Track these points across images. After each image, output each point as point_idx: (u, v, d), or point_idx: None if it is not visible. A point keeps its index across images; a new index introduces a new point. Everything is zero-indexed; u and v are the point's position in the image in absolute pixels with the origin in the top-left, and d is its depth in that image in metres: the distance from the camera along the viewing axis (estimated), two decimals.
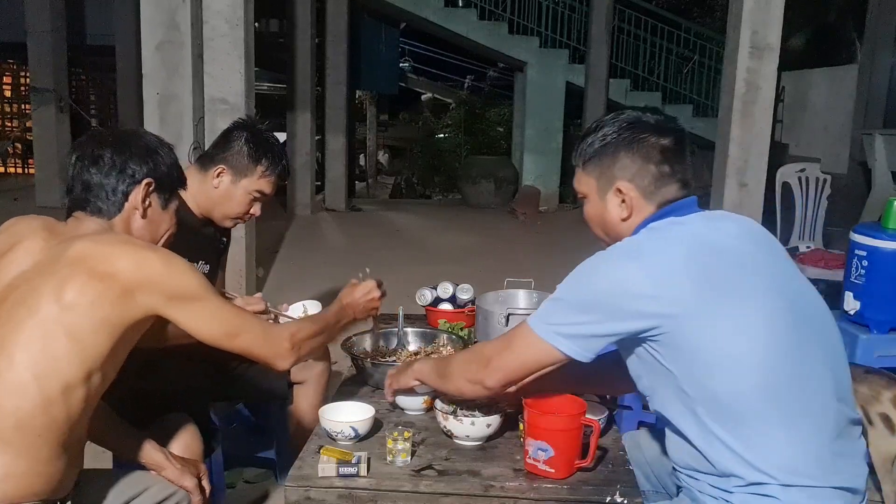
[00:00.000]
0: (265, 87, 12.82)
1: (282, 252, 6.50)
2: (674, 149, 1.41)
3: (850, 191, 7.16)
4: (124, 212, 1.49)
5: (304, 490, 1.44)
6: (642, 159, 1.40)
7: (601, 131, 1.45)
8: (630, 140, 1.41)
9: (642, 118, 1.44)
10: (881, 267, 2.68)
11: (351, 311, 1.83)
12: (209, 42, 4.25)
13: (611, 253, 1.36)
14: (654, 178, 1.40)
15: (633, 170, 1.41)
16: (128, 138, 1.53)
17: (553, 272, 4.01)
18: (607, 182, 1.44)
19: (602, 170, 1.44)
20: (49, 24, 8.17)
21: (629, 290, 1.28)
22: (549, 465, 1.45)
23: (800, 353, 1.30)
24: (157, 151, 1.54)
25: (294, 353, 1.55)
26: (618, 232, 1.45)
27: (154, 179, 1.51)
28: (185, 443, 1.78)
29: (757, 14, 4.52)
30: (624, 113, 1.47)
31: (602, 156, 1.44)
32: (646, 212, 1.42)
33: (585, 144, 1.47)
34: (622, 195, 1.42)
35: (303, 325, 1.62)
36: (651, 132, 1.42)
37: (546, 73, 9.88)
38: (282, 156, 2.15)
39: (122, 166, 1.48)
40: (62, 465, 1.33)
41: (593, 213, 1.50)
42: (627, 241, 1.38)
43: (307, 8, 8.25)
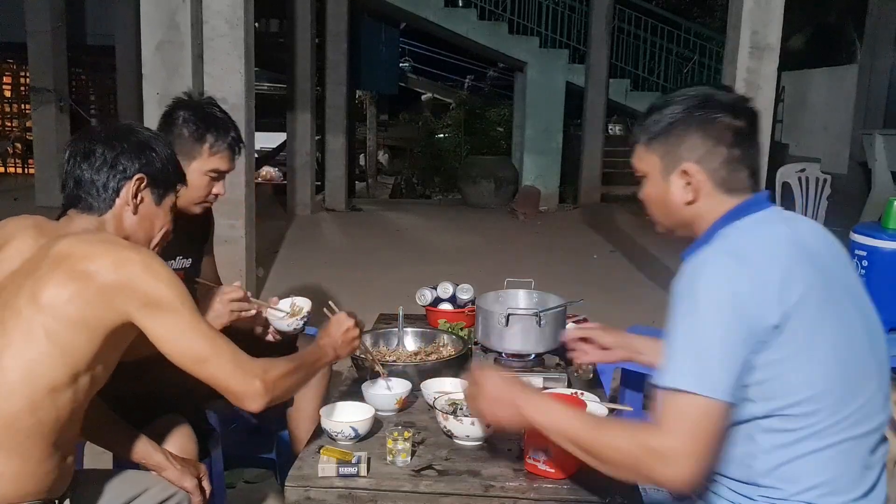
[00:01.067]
0: (265, 87, 12.81)
1: (282, 252, 6.51)
2: (747, 131, 1.32)
3: (850, 191, 7.16)
4: (115, 208, 1.45)
5: (304, 490, 1.44)
6: (713, 140, 1.31)
7: (670, 107, 1.35)
8: (702, 119, 1.31)
9: (716, 95, 1.34)
10: (881, 267, 2.68)
11: (331, 349, 1.69)
12: (209, 42, 4.25)
13: (712, 259, 1.23)
14: (724, 162, 1.31)
15: (701, 151, 1.31)
16: (121, 133, 1.49)
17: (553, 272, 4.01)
18: (672, 162, 1.34)
19: (668, 148, 1.34)
20: (49, 24, 8.17)
21: (742, 296, 1.18)
22: (549, 465, 1.45)
23: (865, 368, 1.27)
24: (150, 146, 1.49)
25: (266, 394, 1.39)
26: (680, 216, 1.37)
27: (146, 175, 1.47)
28: (180, 444, 1.76)
29: (757, 14, 4.52)
30: (694, 89, 1.37)
31: (669, 134, 1.34)
32: (713, 199, 1.33)
33: (651, 120, 1.37)
34: (688, 177, 1.33)
35: (279, 363, 1.48)
36: (725, 111, 1.31)
37: (546, 73, 9.88)
38: (228, 127, 2.01)
39: (112, 161, 1.44)
40: (54, 465, 1.33)
41: (653, 194, 1.39)
42: (727, 244, 1.26)
43: (307, 8, 8.25)
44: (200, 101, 2.06)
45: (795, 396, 1.22)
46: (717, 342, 1.18)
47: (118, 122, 1.54)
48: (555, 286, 2.28)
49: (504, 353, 1.92)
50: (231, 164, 2.04)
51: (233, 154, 2.03)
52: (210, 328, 1.41)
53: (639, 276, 5.92)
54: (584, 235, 7.96)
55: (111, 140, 1.45)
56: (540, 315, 1.87)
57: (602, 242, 7.47)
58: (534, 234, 8.08)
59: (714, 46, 10.83)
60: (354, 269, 5.97)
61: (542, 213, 9.39)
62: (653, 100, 1.46)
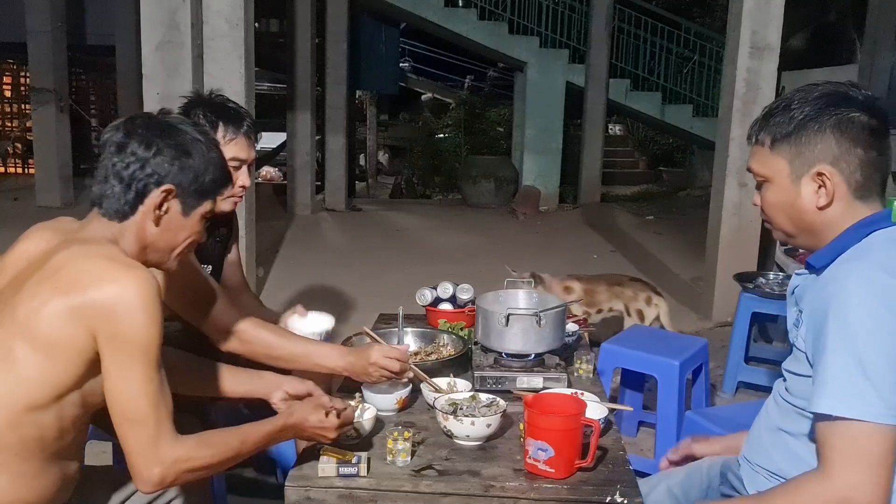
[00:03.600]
0: (265, 87, 12.81)
1: (282, 252, 6.51)
2: (882, 131, 1.25)
3: None
4: (137, 216, 1.34)
5: (304, 490, 1.44)
6: (849, 141, 1.23)
7: (797, 107, 1.26)
8: (837, 117, 1.24)
9: (849, 93, 1.26)
10: None
11: (293, 432, 1.50)
12: (209, 42, 4.25)
13: (867, 275, 1.17)
14: (860, 164, 1.24)
15: (837, 152, 1.24)
16: (163, 131, 1.35)
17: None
18: (804, 165, 1.26)
19: (799, 149, 1.26)
20: (49, 24, 8.17)
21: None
22: (549, 465, 1.44)
23: None
24: (189, 151, 1.35)
25: (159, 485, 1.27)
26: (809, 222, 1.29)
27: (176, 186, 1.34)
28: None
29: (757, 14, 4.53)
30: (821, 86, 1.28)
31: (800, 134, 1.25)
32: (848, 205, 1.25)
33: (776, 121, 1.29)
34: (822, 180, 1.25)
35: (204, 454, 1.31)
36: (861, 109, 1.24)
37: (546, 73, 9.88)
38: (240, 115, 2.02)
39: (143, 163, 1.31)
40: (53, 477, 1.30)
41: (778, 200, 1.31)
42: (878, 258, 1.19)
43: (307, 8, 8.26)
44: (210, 96, 2.08)
45: None
46: (883, 363, 1.12)
47: (165, 115, 1.41)
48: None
49: (504, 353, 1.92)
50: (250, 152, 2.04)
51: (249, 141, 2.03)
52: (158, 392, 1.26)
53: (639, 276, 5.91)
54: (584, 235, 7.96)
55: (150, 137, 1.33)
56: (540, 315, 1.87)
57: (602, 242, 7.47)
58: (534, 234, 8.08)
59: (714, 46, 10.83)
60: (354, 269, 5.97)
61: (542, 213, 9.39)
62: (652, 99, 1.44)
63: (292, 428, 1.47)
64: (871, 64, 7.84)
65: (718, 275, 4.71)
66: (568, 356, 2.05)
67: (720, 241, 4.74)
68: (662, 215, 9.29)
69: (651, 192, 11.97)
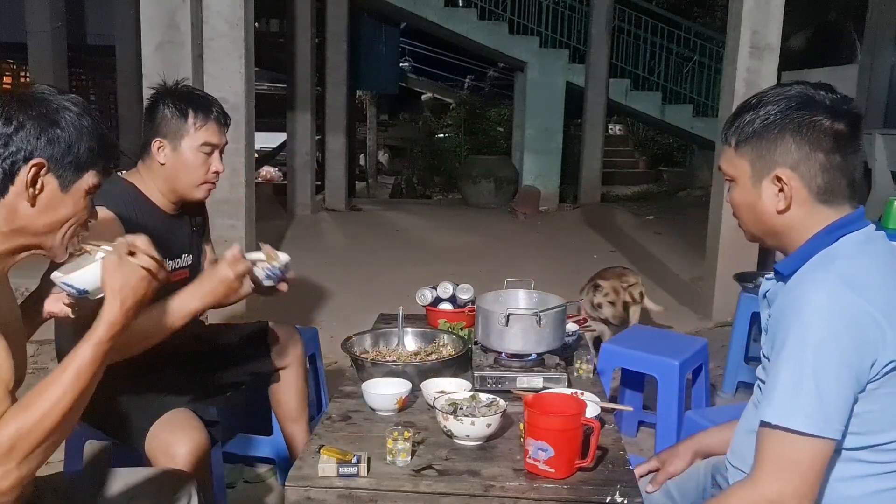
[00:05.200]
0: (265, 87, 12.80)
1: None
2: (848, 136, 1.22)
3: None
4: (9, 196, 1.20)
5: (304, 490, 1.43)
6: (810, 146, 1.22)
7: (764, 109, 1.25)
8: (798, 122, 1.22)
9: (815, 97, 1.24)
10: None
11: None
12: (209, 42, 4.25)
13: (823, 283, 1.17)
14: (821, 169, 1.22)
15: (797, 156, 1.22)
16: (25, 104, 1.21)
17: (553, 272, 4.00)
18: (765, 167, 1.26)
19: (760, 153, 1.26)
20: (49, 24, 8.16)
21: (859, 327, 1.13)
22: (549, 465, 1.44)
23: None
24: (57, 121, 1.21)
25: (15, 486, 1.08)
26: (770, 225, 1.29)
27: (47, 159, 1.20)
28: (190, 435, 1.79)
29: (757, 14, 4.52)
30: (791, 88, 1.26)
31: (762, 136, 1.25)
32: (808, 209, 1.24)
33: (742, 122, 1.28)
34: (781, 184, 1.24)
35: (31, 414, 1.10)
36: (825, 114, 1.22)
37: (546, 73, 9.88)
38: (208, 101, 2.04)
39: (6, 140, 1.19)
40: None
41: (743, 201, 1.31)
42: (838, 267, 1.18)
43: (307, 8, 8.25)
44: (176, 86, 2.07)
45: (893, 433, 1.18)
46: (833, 378, 1.12)
47: (31, 88, 1.25)
48: (555, 286, 2.28)
49: (504, 353, 1.92)
50: (221, 137, 2.05)
51: (220, 126, 2.04)
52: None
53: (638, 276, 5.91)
54: (584, 235, 7.96)
55: (9, 112, 1.20)
56: (540, 315, 1.87)
57: (602, 242, 7.47)
58: (534, 234, 8.08)
59: (714, 46, 10.83)
60: (354, 269, 5.97)
61: (542, 212, 9.39)
62: (652, 99, 1.44)
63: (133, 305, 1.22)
64: (871, 64, 7.85)
65: (718, 275, 4.71)
66: (568, 356, 2.05)
67: (720, 241, 4.74)
68: (662, 215, 9.28)
69: (651, 192, 11.97)
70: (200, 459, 1.80)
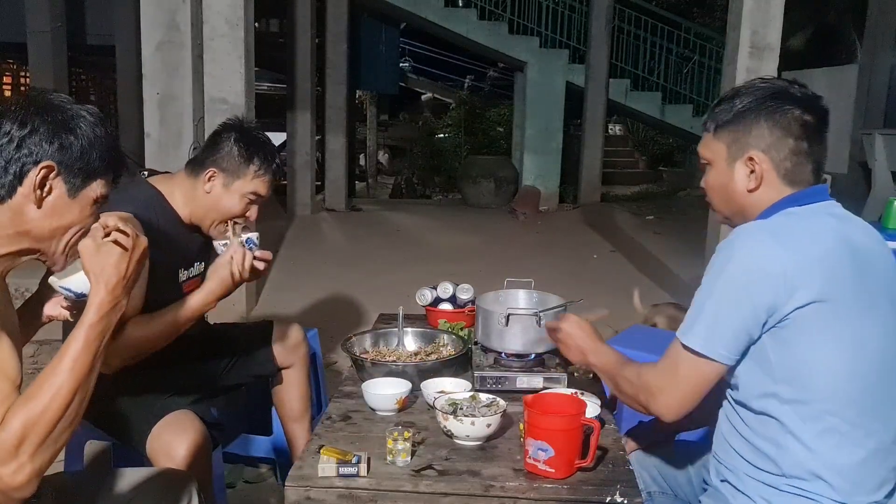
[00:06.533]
0: (265, 87, 12.80)
1: (282, 252, 6.50)
2: (816, 126, 1.35)
3: (850, 191, 7.16)
4: (17, 197, 1.21)
5: (304, 490, 1.44)
6: (781, 131, 1.34)
7: (741, 97, 1.38)
8: (772, 109, 1.34)
9: (789, 89, 1.37)
10: None
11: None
12: (209, 42, 4.25)
13: (752, 231, 1.30)
14: (790, 153, 1.35)
15: (769, 140, 1.35)
16: (40, 109, 1.23)
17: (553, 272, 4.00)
18: (739, 150, 1.37)
19: (736, 136, 1.37)
20: (49, 24, 8.16)
21: (769, 273, 1.24)
22: (549, 465, 1.45)
23: (893, 373, 1.29)
24: (71, 128, 1.24)
25: (31, 478, 1.08)
26: (740, 203, 1.40)
27: (57, 163, 1.22)
28: (191, 437, 1.79)
29: (757, 14, 4.52)
30: (767, 81, 1.40)
31: (739, 122, 1.37)
32: (775, 189, 1.36)
33: (721, 109, 1.40)
34: (753, 165, 1.36)
35: (36, 404, 1.10)
36: (796, 105, 1.34)
37: (546, 73, 9.88)
38: (274, 154, 2.07)
39: (19, 142, 1.20)
40: None
41: (716, 181, 1.43)
42: (769, 222, 1.32)
43: (307, 8, 8.25)
44: (250, 126, 2.10)
45: (817, 390, 1.25)
46: (733, 311, 1.26)
47: (46, 94, 1.27)
48: (555, 286, 2.28)
49: (504, 352, 1.92)
50: (269, 191, 2.08)
51: (273, 179, 2.07)
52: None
53: (639, 276, 5.92)
54: (584, 235, 7.96)
55: (25, 115, 1.22)
56: (540, 315, 1.87)
57: (602, 242, 7.47)
58: (534, 234, 8.08)
59: (714, 46, 10.84)
60: (354, 269, 5.97)
61: (542, 213, 9.39)
62: (652, 99, 1.50)
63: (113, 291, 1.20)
64: (871, 64, 7.85)
65: None
66: None
67: (720, 241, 4.73)
68: (662, 215, 9.29)
69: (651, 192, 11.97)
70: (201, 460, 1.80)
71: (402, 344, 2.13)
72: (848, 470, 1.26)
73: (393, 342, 2.14)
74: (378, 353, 2.08)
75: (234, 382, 2.26)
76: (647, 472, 1.68)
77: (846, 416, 1.26)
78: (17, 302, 1.36)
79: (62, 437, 1.12)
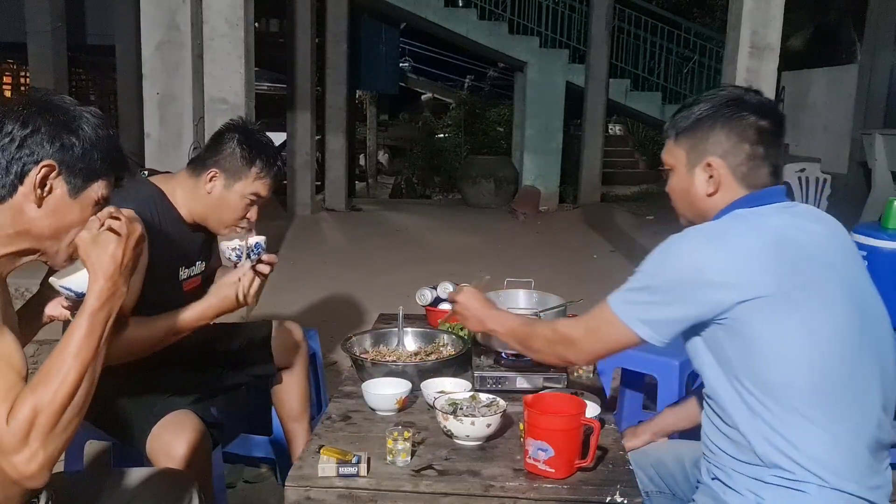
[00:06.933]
0: (265, 87, 12.81)
1: (282, 252, 6.50)
2: (771, 131, 1.40)
3: (850, 191, 7.16)
4: (17, 196, 1.21)
5: (304, 490, 1.44)
6: (738, 137, 1.39)
7: (699, 105, 1.44)
8: (728, 116, 1.40)
9: (745, 97, 1.43)
10: (881, 267, 2.68)
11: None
12: (209, 42, 4.25)
13: (690, 235, 1.36)
14: (746, 158, 1.39)
15: (726, 146, 1.40)
16: (42, 109, 1.23)
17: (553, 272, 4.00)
18: (698, 156, 1.43)
19: (694, 142, 1.43)
20: (49, 24, 8.16)
21: (706, 277, 1.30)
22: (549, 465, 1.44)
23: (856, 359, 1.32)
24: (73, 128, 1.24)
25: (44, 466, 1.09)
26: (701, 208, 1.45)
27: (59, 162, 1.22)
28: (191, 437, 1.79)
29: (757, 14, 4.53)
30: (725, 89, 1.46)
31: (697, 129, 1.43)
32: (732, 192, 1.41)
33: (681, 116, 1.47)
34: (711, 170, 1.41)
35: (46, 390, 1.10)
36: (751, 111, 1.40)
37: (546, 73, 9.88)
38: (276, 156, 2.07)
39: (21, 142, 1.20)
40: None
41: (678, 186, 1.50)
42: (708, 225, 1.38)
43: (307, 8, 8.26)
44: (253, 127, 2.09)
45: (776, 380, 1.29)
46: (664, 307, 1.34)
47: (48, 94, 1.27)
48: (555, 286, 2.28)
49: (504, 352, 1.92)
50: (270, 192, 2.08)
51: (275, 183, 2.08)
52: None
53: None
54: (584, 235, 7.96)
55: (27, 115, 1.22)
56: (540, 315, 1.87)
57: (602, 242, 7.47)
58: (534, 234, 8.08)
59: (714, 46, 10.83)
60: (354, 269, 5.97)
61: (542, 213, 9.39)
62: (652, 99, 1.52)
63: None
64: (871, 64, 7.85)
65: None
66: None
67: None
68: (662, 215, 9.28)
69: (651, 192, 11.95)
70: (201, 460, 1.80)
71: (402, 344, 2.13)
72: (825, 455, 1.28)
73: (393, 342, 2.14)
74: (378, 353, 2.08)
75: (233, 382, 2.26)
76: (644, 471, 1.69)
77: (811, 402, 1.29)
78: (17, 302, 1.36)
79: (71, 425, 1.13)
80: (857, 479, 1.29)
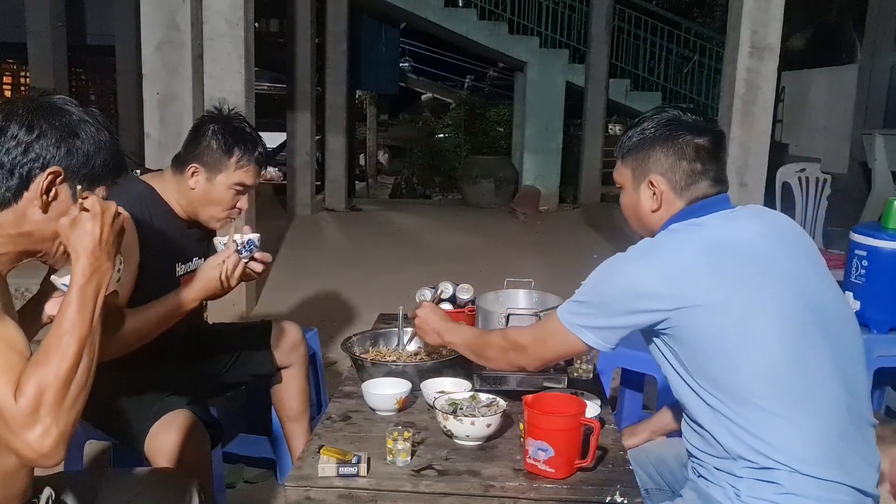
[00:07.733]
0: (265, 87, 12.81)
1: (282, 252, 6.50)
2: (708, 148, 1.48)
3: (850, 191, 7.16)
4: (22, 201, 1.22)
5: (304, 490, 1.44)
6: (676, 155, 1.48)
7: (641, 126, 1.52)
8: (666, 136, 1.48)
9: (681, 117, 1.51)
10: (881, 267, 2.67)
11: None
12: (209, 42, 4.25)
13: (628, 255, 1.44)
14: (685, 174, 1.48)
15: (665, 164, 1.48)
16: (45, 113, 1.24)
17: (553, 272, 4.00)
18: (641, 174, 1.52)
19: (638, 162, 1.52)
20: (49, 24, 8.16)
21: (641, 290, 1.38)
22: (549, 465, 1.45)
23: (803, 348, 1.34)
24: (76, 133, 1.24)
25: (57, 443, 1.10)
26: (647, 223, 1.54)
27: (64, 168, 1.23)
28: (191, 437, 1.79)
29: (757, 14, 4.52)
30: (665, 111, 1.54)
31: (639, 149, 1.51)
32: (675, 207, 1.49)
33: (626, 138, 1.55)
34: (654, 188, 1.50)
35: (48, 369, 1.11)
36: (687, 130, 1.48)
37: (546, 73, 9.88)
38: (256, 142, 2.03)
39: (26, 147, 1.21)
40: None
41: (627, 203, 1.58)
42: (644, 243, 1.46)
43: (307, 8, 8.25)
44: (230, 115, 2.07)
45: (731, 379, 1.34)
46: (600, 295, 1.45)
47: (50, 97, 1.28)
48: (555, 286, 2.28)
49: None
50: (256, 180, 2.05)
51: (259, 169, 2.04)
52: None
53: None
54: (584, 235, 7.95)
55: (31, 119, 1.22)
56: (540, 315, 1.86)
57: (602, 242, 7.47)
58: (534, 234, 8.08)
59: (714, 46, 10.84)
60: (354, 269, 5.97)
61: (542, 213, 9.39)
62: (652, 99, 1.55)
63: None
64: (871, 64, 7.85)
65: None
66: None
67: None
68: None
69: None
70: (201, 460, 1.80)
71: (402, 344, 2.13)
72: (789, 443, 1.31)
73: (393, 342, 2.14)
74: (378, 353, 2.08)
75: (233, 382, 2.26)
76: (644, 469, 1.70)
77: (764, 394, 1.32)
78: (17, 302, 1.36)
79: (78, 402, 1.14)
80: (830, 465, 1.31)
